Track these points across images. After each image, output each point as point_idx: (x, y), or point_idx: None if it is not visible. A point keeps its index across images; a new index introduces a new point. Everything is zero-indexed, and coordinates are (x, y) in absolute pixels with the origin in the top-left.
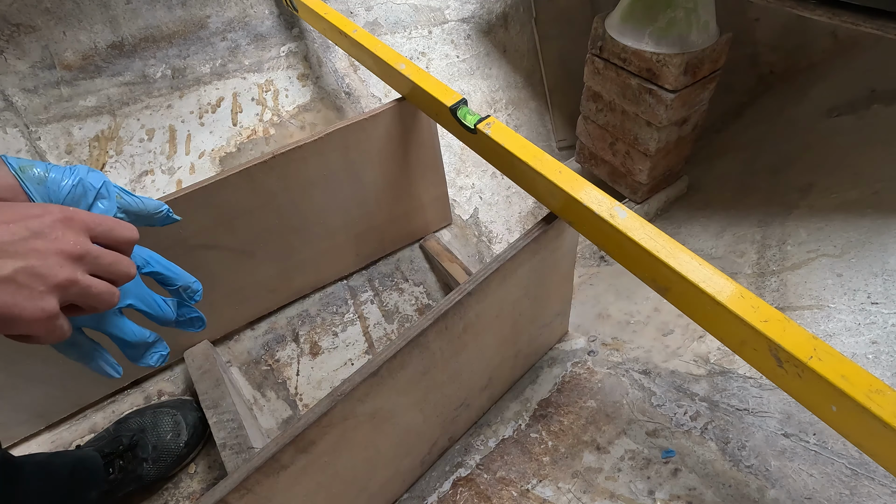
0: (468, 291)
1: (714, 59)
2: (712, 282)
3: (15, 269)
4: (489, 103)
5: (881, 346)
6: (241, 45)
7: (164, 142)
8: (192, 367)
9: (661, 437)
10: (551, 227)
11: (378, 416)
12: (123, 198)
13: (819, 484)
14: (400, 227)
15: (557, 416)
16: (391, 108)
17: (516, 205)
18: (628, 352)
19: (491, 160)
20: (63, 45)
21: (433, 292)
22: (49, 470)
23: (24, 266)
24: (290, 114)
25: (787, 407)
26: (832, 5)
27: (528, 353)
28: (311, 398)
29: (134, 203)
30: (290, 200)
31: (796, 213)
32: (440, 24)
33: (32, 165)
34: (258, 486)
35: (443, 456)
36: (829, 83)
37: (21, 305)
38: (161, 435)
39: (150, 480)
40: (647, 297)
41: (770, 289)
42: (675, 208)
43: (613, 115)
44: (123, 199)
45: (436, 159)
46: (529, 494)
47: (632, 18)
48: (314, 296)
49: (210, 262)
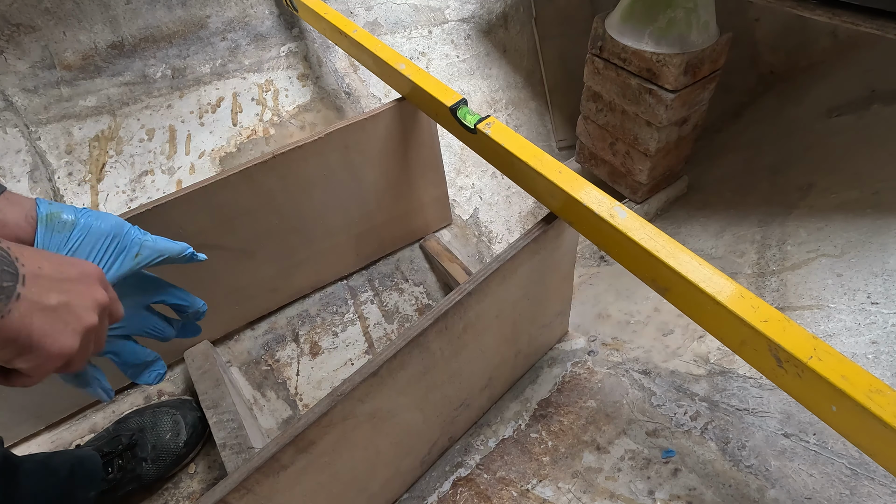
0: (468, 291)
1: (714, 59)
2: (712, 282)
3: (59, 302)
4: (489, 103)
5: (881, 346)
6: (241, 45)
7: (164, 142)
8: (192, 367)
9: (661, 437)
10: (551, 227)
11: (378, 416)
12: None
13: (819, 484)
14: (400, 227)
15: (557, 416)
16: (391, 108)
17: (516, 205)
18: (628, 352)
19: (491, 160)
20: (63, 45)
21: (433, 292)
22: (48, 469)
23: (67, 302)
24: (290, 114)
25: (787, 407)
26: (832, 5)
27: (528, 353)
28: (311, 398)
29: (161, 246)
30: (290, 200)
31: (796, 213)
32: (440, 24)
33: (61, 211)
34: (258, 486)
35: (443, 456)
36: (829, 83)
37: (53, 337)
38: (160, 434)
39: (150, 480)
40: (647, 297)
41: (770, 289)
42: (675, 208)
43: (613, 115)
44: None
45: (436, 159)
46: (529, 494)
47: (632, 18)
48: (314, 296)
49: (210, 262)
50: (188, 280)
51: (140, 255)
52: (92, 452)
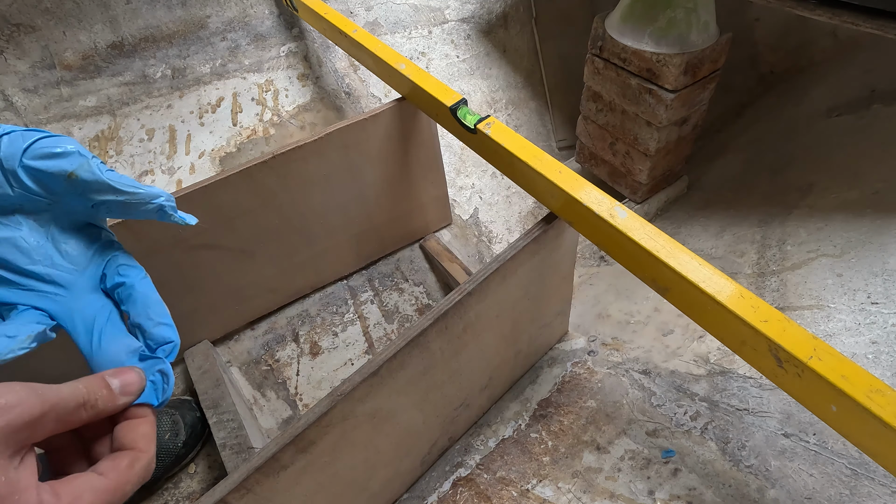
0: (468, 291)
1: (714, 59)
2: (712, 282)
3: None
4: (489, 103)
5: (881, 346)
6: (241, 45)
7: (164, 142)
8: (192, 367)
9: (661, 437)
10: (551, 227)
11: (378, 416)
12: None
13: (819, 484)
14: (400, 227)
15: (557, 416)
16: (391, 108)
17: (516, 205)
18: (628, 352)
19: (491, 160)
20: (63, 45)
21: (433, 292)
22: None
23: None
24: (290, 114)
25: (787, 407)
26: (832, 5)
27: (528, 353)
28: (311, 398)
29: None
30: (290, 200)
31: (796, 213)
32: (440, 24)
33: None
34: (258, 486)
35: (443, 456)
36: (829, 83)
37: None
38: (159, 435)
39: (149, 480)
40: (647, 297)
41: (770, 289)
42: (675, 208)
43: (613, 115)
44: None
45: (436, 159)
46: (529, 494)
47: (632, 18)
48: (314, 296)
49: (210, 262)
50: (187, 279)
51: (75, 177)
52: None
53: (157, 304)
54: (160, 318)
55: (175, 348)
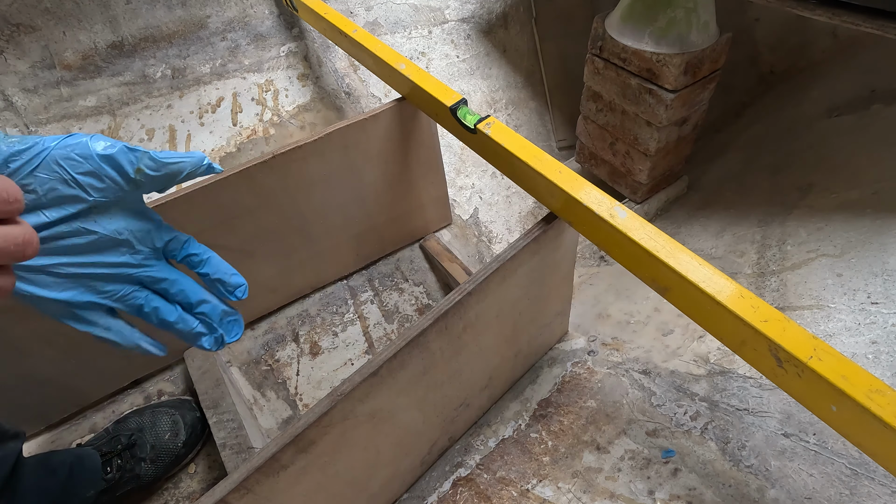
0: (468, 291)
1: (714, 59)
2: (712, 282)
3: None
4: (489, 103)
5: (881, 346)
6: (241, 45)
7: (164, 142)
8: (192, 367)
9: (661, 437)
10: (551, 227)
11: (378, 416)
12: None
13: (819, 484)
14: (400, 227)
15: (557, 416)
16: (391, 108)
17: (516, 205)
18: (628, 352)
19: (491, 160)
20: (63, 45)
21: (433, 292)
22: (48, 467)
23: None
24: (290, 114)
25: (787, 407)
26: (832, 5)
27: (528, 353)
28: (311, 398)
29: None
30: (290, 200)
31: (796, 213)
32: (440, 24)
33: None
34: (258, 486)
35: (443, 456)
36: (829, 83)
37: None
38: (159, 434)
39: (149, 480)
40: (647, 297)
41: (770, 289)
42: (675, 208)
43: (613, 115)
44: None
45: (436, 159)
46: (529, 494)
47: (632, 18)
48: (314, 296)
49: None
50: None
51: (142, 174)
52: (91, 451)
53: (226, 264)
54: (232, 271)
55: (247, 288)
